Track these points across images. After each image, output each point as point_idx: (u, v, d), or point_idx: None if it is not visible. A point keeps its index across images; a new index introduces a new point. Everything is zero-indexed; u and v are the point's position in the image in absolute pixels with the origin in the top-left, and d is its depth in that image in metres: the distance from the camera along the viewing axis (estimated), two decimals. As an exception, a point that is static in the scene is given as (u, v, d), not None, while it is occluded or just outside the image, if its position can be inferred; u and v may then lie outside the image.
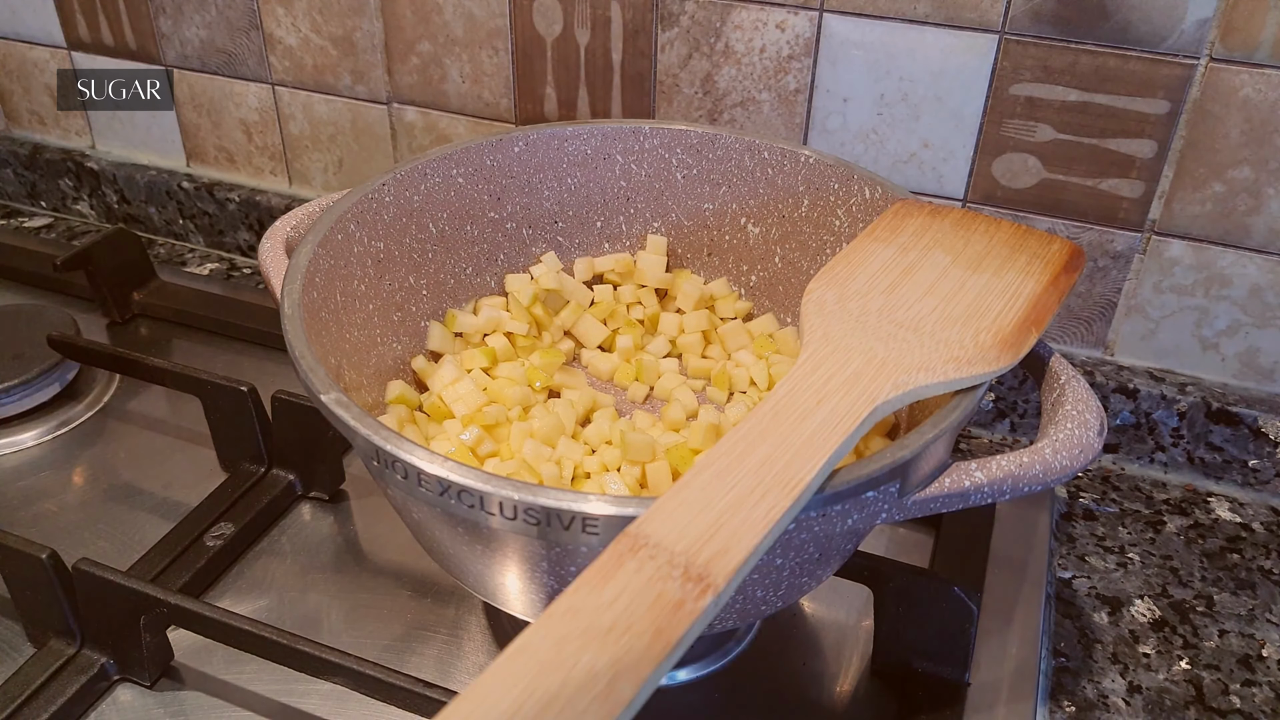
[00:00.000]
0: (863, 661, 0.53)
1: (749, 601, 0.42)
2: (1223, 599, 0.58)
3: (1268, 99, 0.58)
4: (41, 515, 0.62)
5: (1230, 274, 0.63)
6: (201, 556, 0.57)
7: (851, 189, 0.56)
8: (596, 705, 0.27)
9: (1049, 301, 0.46)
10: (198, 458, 0.65)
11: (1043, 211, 0.65)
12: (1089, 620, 0.57)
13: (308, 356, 0.42)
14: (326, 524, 0.61)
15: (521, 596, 0.43)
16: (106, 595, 0.50)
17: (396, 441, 0.38)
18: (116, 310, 0.78)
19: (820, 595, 0.56)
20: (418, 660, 0.53)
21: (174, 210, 0.90)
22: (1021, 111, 0.63)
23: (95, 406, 0.70)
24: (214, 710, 0.50)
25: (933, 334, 0.43)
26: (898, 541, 0.60)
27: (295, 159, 0.86)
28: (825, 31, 0.65)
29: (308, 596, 0.56)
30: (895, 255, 0.49)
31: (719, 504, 0.34)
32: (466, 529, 0.40)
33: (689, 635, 0.30)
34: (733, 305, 0.61)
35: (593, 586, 0.31)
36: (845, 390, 0.39)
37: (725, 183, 0.60)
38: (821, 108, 0.67)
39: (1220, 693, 0.53)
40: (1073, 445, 0.40)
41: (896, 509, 0.40)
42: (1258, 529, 0.63)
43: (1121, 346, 0.68)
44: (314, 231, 0.49)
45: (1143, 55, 0.59)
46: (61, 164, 0.91)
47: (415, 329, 0.56)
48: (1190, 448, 0.66)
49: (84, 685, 0.50)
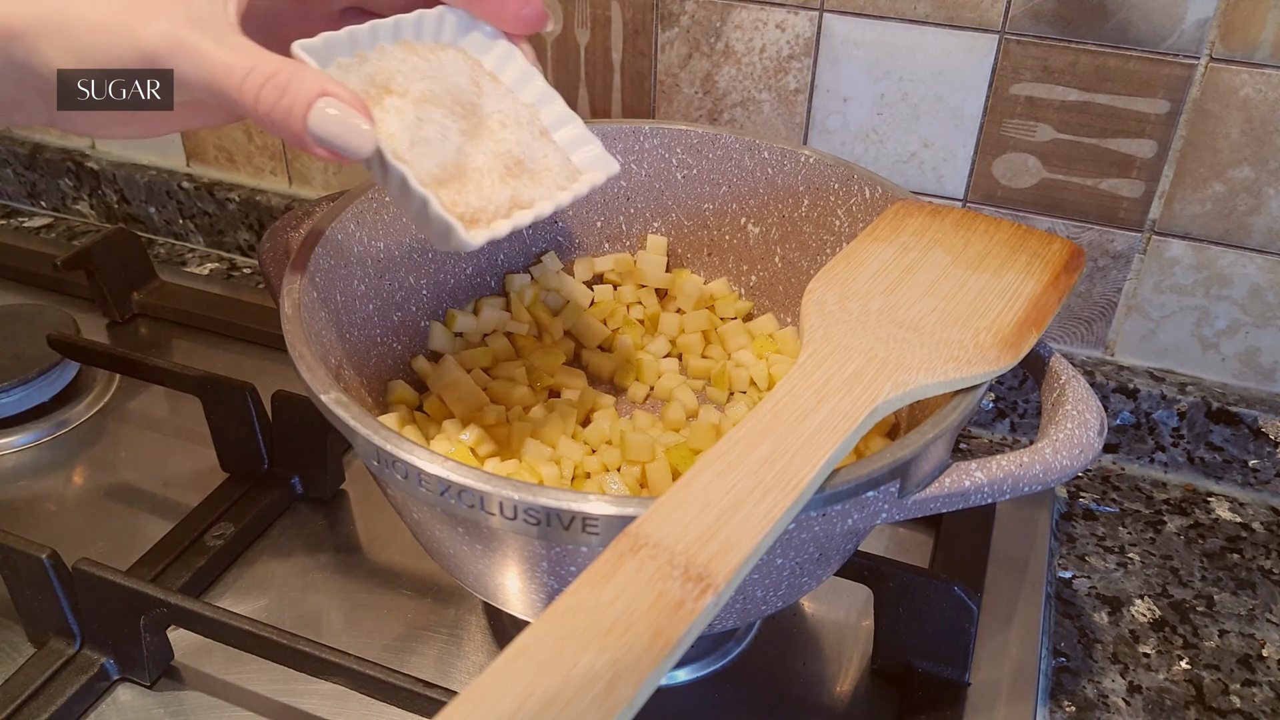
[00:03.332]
0: (863, 661, 0.53)
1: (749, 601, 0.42)
2: (1223, 599, 0.58)
3: (1268, 98, 0.58)
4: (41, 515, 0.62)
5: (1230, 274, 0.63)
6: (201, 556, 0.57)
7: (852, 189, 0.56)
8: (596, 705, 0.28)
9: (1049, 301, 0.46)
10: (198, 458, 0.65)
11: (1043, 211, 0.65)
12: (1089, 620, 0.57)
13: (308, 356, 0.42)
14: (326, 524, 0.61)
15: (521, 596, 0.43)
16: (106, 595, 0.49)
17: (396, 441, 0.38)
18: (116, 310, 0.78)
19: (820, 595, 0.56)
20: (418, 660, 0.53)
21: (174, 210, 0.90)
22: (1022, 111, 0.63)
23: (95, 406, 0.70)
24: (214, 710, 0.50)
25: (933, 334, 0.43)
26: (898, 541, 0.60)
27: (295, 158, 0.86)
28: (825, 31, 0.65)
29: (308, 596, 0.56)
30: (895, 255, 0.49)
31: (719, 504, 0.34)
32: (466, 529, 0.40)
33: (689, 635, 0.30)
34: (733, 305, 0.61)
35: (593, 586, 0.31)
36: (845, 390, 0.39)
37: (725, 182, 0.60)
38: (822, 107, 0.67)
39: (1220, 693, 0.53)
40: (1073, 445, 0.40)
41: (897, 509, 0.40)
42: (1258, 529, 0.63)
43: (1122, 346, 0.68)
44: (314, 231, 0.49)
45: (1143, 55, 0.59)
46: (61, 164, 0.91)
47: (415, 329, 0.56)
48: (1190, 447, 0.66)
49: (84, 685, 0.50)
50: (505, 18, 0.45)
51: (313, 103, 0.38)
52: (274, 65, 0.38)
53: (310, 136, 0.38)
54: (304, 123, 0.38)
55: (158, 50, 0.38)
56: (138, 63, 0.38)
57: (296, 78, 0.38)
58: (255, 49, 0.39)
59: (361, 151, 0.39)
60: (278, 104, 0.38)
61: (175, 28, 0.38)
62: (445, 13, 0.45)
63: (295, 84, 0.38)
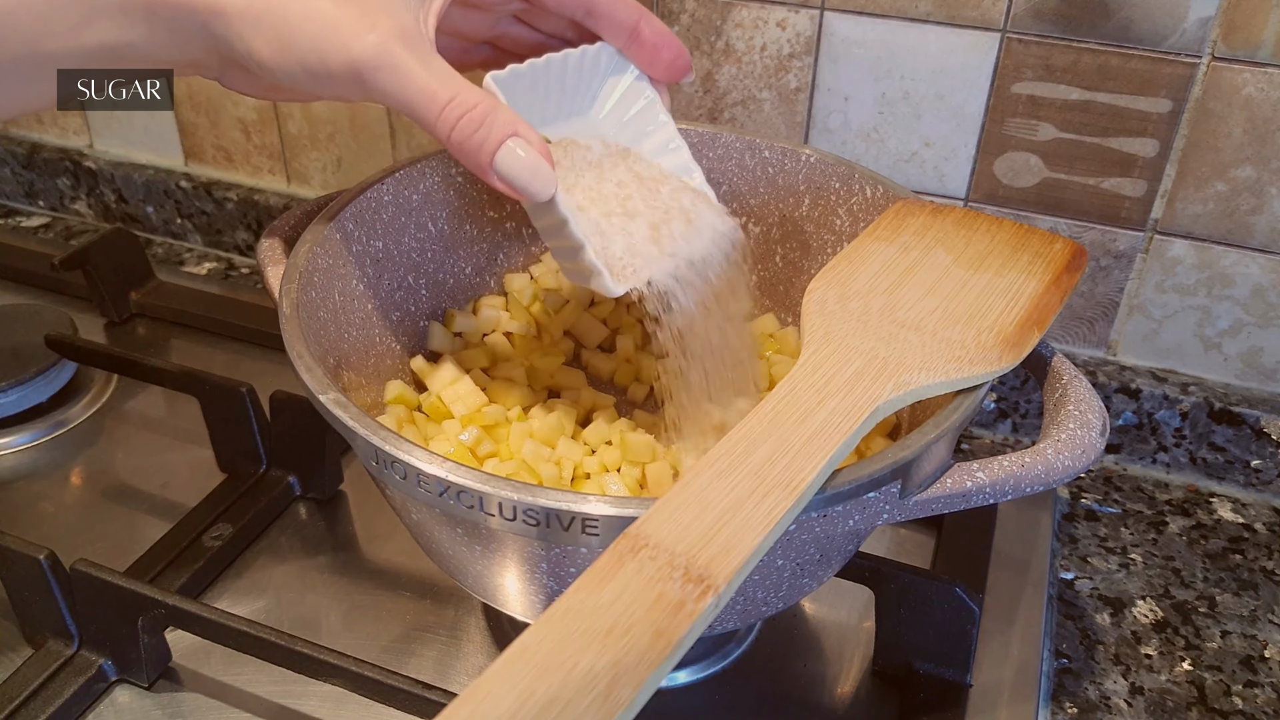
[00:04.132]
0: (864, 663, 0.53)
1: (750, 602, 0.42)
2: (1225, 600, 0.58)
3: (1270, 98, 0.58)
4: (39, 516, 0.61)
5: (1233, 274, 0.63)
6: (200, 557, 0.57)
7: (853, 188, 0.55)
8: (596, 706, 0.27)
9: (1051, 301, 0.46)
10: (196, 458, 0.65)
11: (1045, 211, 0.65)
12: (1091, 621, 0.57)
13: (306, 356, 0.42)
14: (325, 525, 0.61)
15: (521, 598, 0.43)
16: (104, 596, 0.49)
17: (395, 442, 0.38)
18: (114, 310, 0.78)
19: (821, 596, 0.56)
20: (417, 662, 0.53)
21: (172, 209, 0.89)
22: (1023, 110, 0.63)
23: (93, 407, 0.70)
24: (212, 711, 0.50)
25: (934, 334, 0.43)
26: (899, 542, 0.60)
27: (294, 158, 0.86)
28: (826, 30, 0.64)
29: (306, 597, 0.56)
30: (897, 255, 0.49)
31: (719, 505, 0.33)
32: (466, 530, 0.40)
33: (689, 636, 0.30)
34: (733, 305, 0.61)
35: (592, 587, 0.31)
36: (846, 390, 0.39)
37: (726, 181, 0.60)
38: (822, 106, 0.67)
39: (1222, 694, 0.53)
40: (1075, 445, 0.40)
41: (898, 509, 0.39)
42: (1260, 529, 0.63)
43: (1124, 346, 0.68)
44: (312, 231, 0.49)
45: (1145, 54, 0.59)
46: (59, 163, 0.91)
47: (415, 329, 0.56)
48: (1192, 448, 0.66)
49: (82, 686, 0.50)
50: (657, 65, 0.49)
51: (504, 141, 0.40)
52: (474, 99, 0.40)
53: (494, 172, 0.40)
54: (491, 159, 0.40)
55: (368, 61, 0.39)
56: (342, 68, 0.39)
57: (493, 115, 0.40)
58: (455, 77, 0.40)
59: (542, 195, 0.41)
60: (471, 136, 0.40)
61: (388, 42, 0.39)
62: (602, 50, 0.48)
63: (491, 121, 0.40)
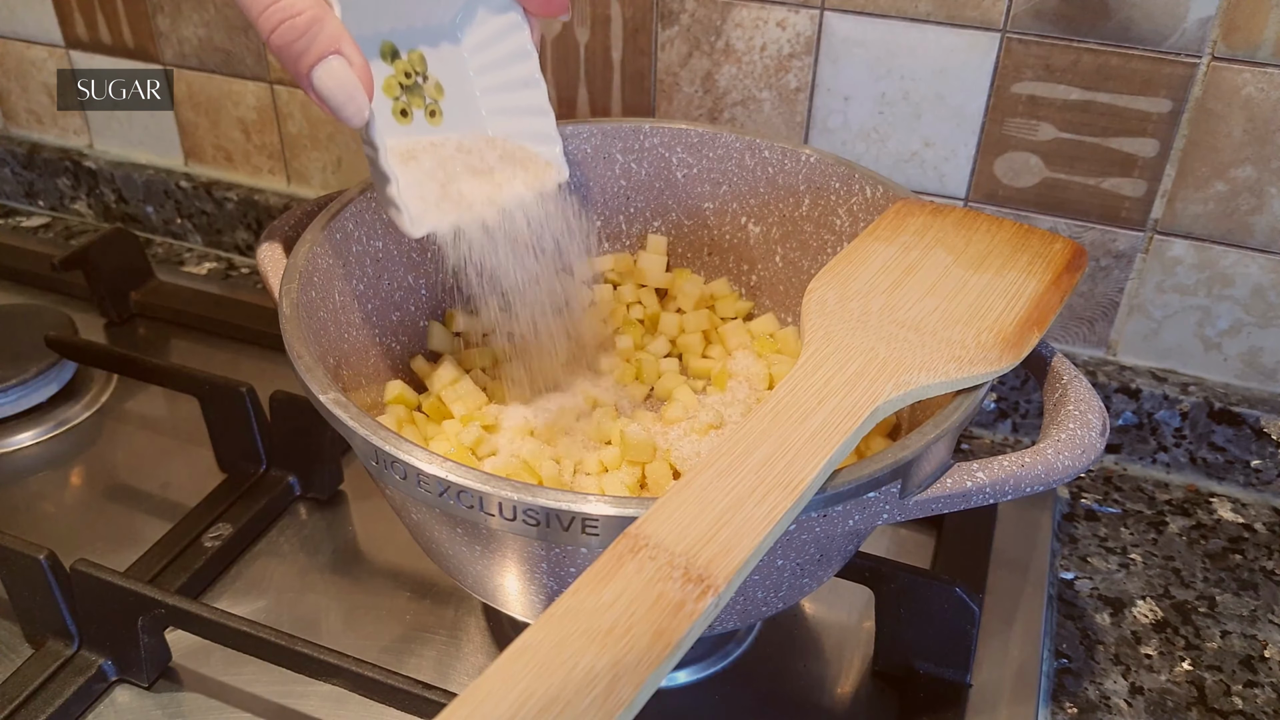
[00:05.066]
0: (864, 663, 0.53)
1: (750, 602, 0.42)
2: (1225, 600, 0.58)
3: (1270, 98, 0.58)
4: (39, 516, 0.61)
5: (1233, 274, 0.63)
6: (199, 557, 0.57)
7: (853, 188, 0.55)
8: (596, 706, 0.27)
9: (1051, 301, 0.46)
10: (196, 458, 0.65)
11: (1045, 211, 0.65)
12: (1091, 621, 0.57)
13: (306, 356, 0.42)
14: (325, 525, 0.61)
15: (521, 598, 0.43)
16: (104, 596, 0.49)
17: (395, 442, 0.38)
18: (114, 310, 0.78)
19: (821, 596, 0.56)
20: (416, 662, 0.53)
21: (172, 209, 0.89)
22: (1023, 110, 0.63)
23: (93, 407, 0.70)
24: (212, 711, 0.50)
25: (934, 334, 0.43)
26: (899, 542, 0.60)
27: (294, 158, 0.85)
28: (826, 30, 0.64)
29: (306, 597, 0.56)
30: (897, 255, 0.49)
31: (719, 504, 0.33)
32: (466, 530, 0.40)
33: (689, 636, 0.30)
34: (733, 305, 0.61)
35: (593, 587, 0.31)
36: (846, 390, 0.39)
37: (726, 181, 0.60)
38: (822, 106, 0.67)
39: (1222, 694, 0.53)
40: (1075, 445, 0.40)
41: (898, 509, 0.39)
42: (1260, 529, 0.63)
43: (1124, 346, 0.68)
44: (312, 231, 0.49)
45: (1145, 54, 0.59)
46: (59, 163, 0.91)
47: (415, 329, 0.56)
48: (1192, 448, 0.66)
49: (82, 686, 0.50)
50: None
51: (325, 57, 0.38)
52: (301, 5, 0.37)
53: (311, 87, 0.38)
54: (309, 71, 0.38)
55: None
56: None
57: (318, 25, 0.38)
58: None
59: (355, 120, 0.39)
60: (291, 45, 0.38)
61: None
62: None
63: (314, 33, 0.38)
